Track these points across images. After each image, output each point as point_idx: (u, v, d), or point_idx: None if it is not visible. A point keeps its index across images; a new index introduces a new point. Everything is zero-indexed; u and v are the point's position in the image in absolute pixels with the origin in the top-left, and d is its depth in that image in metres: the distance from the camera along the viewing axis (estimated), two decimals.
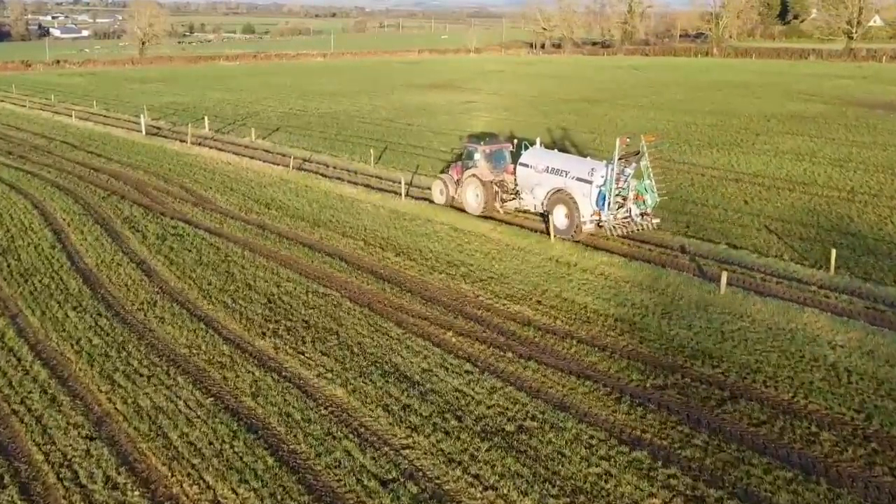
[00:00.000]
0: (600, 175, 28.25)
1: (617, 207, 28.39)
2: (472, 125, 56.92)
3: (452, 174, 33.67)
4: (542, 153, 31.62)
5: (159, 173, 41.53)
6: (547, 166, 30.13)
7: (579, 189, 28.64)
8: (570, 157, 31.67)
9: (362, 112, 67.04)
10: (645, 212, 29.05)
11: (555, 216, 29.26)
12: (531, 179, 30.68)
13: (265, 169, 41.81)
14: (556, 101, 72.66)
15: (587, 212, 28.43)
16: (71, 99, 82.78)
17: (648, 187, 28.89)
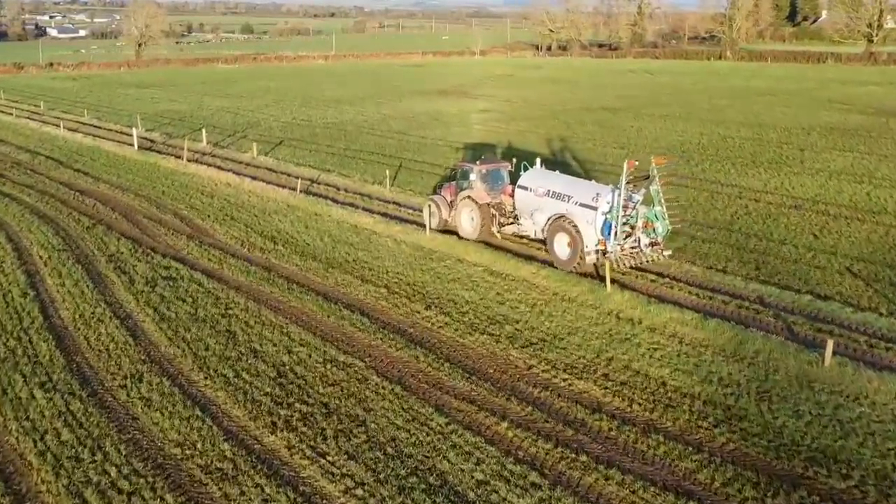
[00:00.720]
0: (606, 201, 25.67)
1: (624, 237, 25.73)
2: (491, 138, 52.88)
3: (445, 195, 30.80)
4: (542, 175, 28.89)
5: (151, 197, 37.39)
6: (548, 190, 27.51)
7: (583, 216, 26.05)
8: (573, 181, 28.62)
9: (370, 122, 62.91)
10: (655, 241, 26.23)
11: (556, 245, 26.74)
12: (530, 204, 28.09)
13: (269, 192, 37.70)
14: (577, 111, 68.55)
15: (591, 241, 25.82)
16: (62, 105, 78.61)
17: (659, 214, 26.02)
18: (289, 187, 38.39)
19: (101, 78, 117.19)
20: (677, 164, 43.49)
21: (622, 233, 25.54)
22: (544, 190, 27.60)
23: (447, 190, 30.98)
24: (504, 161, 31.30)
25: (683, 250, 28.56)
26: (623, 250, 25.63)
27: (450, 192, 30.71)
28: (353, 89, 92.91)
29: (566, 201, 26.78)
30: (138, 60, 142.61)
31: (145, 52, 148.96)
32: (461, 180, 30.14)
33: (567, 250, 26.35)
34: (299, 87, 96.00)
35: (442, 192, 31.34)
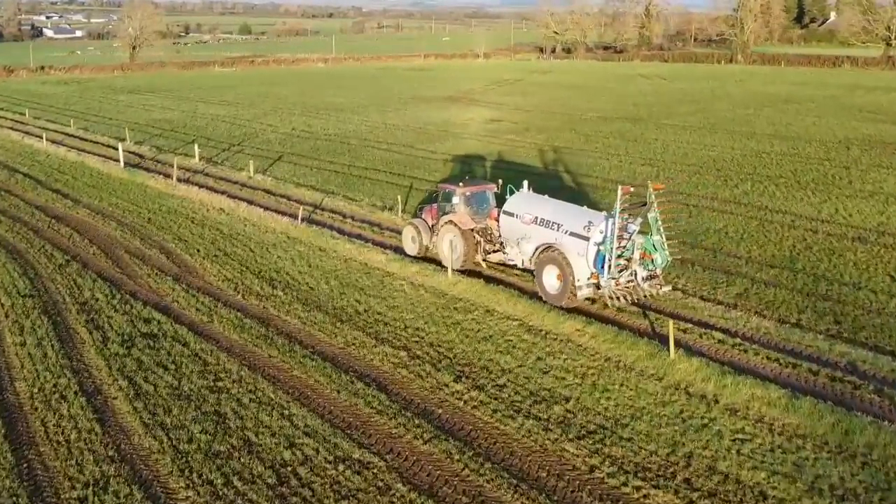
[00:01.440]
0: (599, 230, 23.43)
1: (619, 271, 23.22)
2: (506, 153, 49.01)
3: (426, 218, 28.48)
4: (529, 200, 26.38)
5: (135, 226, 33.43)
6: (535, 217, 25.14)
7: (573, 246, 23.78)
8: (563, 207, 25.94)
9: (376, 133, 58.96)
10: (653, 273, 23.83)
11: (544, 278, 24.32)
12: (517, 231, 25.81)
13: (267, 221, 33.75)
14: (594, 121, 64.62)
15: (583, 274, 23.50)
16: (49, 113, 74.60)
17: (657, 244, 23.55)
18: (289, 214, 34.48)
19: (94, 82, 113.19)
20: (716, 185, 39.72)
21: (616, 266, 22.96)
22: (531, 217, 25.18)
23: (428, 213, 28.56)
24: (489, 182, 28.65)
25: (746, 297, 24.76)
26: (618, 285, 23.16)
27: (431, 214, 28.34)
28: (355, 95, 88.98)
29: (555, 230, 24.42)
30: (132, 63, 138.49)
31: (140, 54, 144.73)
32: (443, 203, 27.79)
33: (556, 284, 23.91)
34: (299, 93, 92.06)
35: (423, 214, 28.85)
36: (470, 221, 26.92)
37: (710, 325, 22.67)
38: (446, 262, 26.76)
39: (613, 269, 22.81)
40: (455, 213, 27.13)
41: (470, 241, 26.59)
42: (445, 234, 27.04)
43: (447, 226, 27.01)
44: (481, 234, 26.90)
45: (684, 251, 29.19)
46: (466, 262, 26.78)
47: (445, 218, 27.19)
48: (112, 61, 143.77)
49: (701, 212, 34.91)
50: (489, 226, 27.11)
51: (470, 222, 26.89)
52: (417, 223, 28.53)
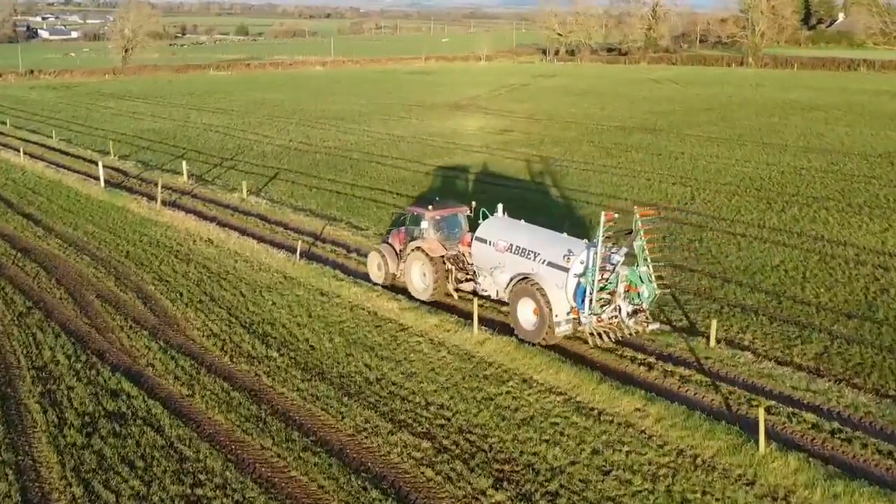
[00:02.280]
0: (579, 261, 21.25)
1: (601, 305, 21.02)
2: (524, 170, 45.06)
3: (394, 243, 26.41)
4: (503, 225, 24.29)
5: (111, 262, 29.39)
6: (510, 244, 23.06)
7: (551, 278, 21.65)
8: (541, 234, 23.53)
9: (380, 146, 54.94)
10: (639, 307, 21.58)
11: (519, 312, 22.20)
12: (490, 260, 23.70)
13: (261, 255, 29.73)
14: (611, 131, 60.64)
15: (562, 309, 21.36)
16: (32, 122, 70.51)
17: (644, 276, 21.32)
18: (286, 248, 30.45)
19: (84, 87, 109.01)
20: (760, 209, 35.78)
21: (598, 300, 20.86)
22: (506, 244, 23.09)
23: (396, 237, 26.46)
24: (461, 205, 26.39)
25: (828, 359, 20.88)
26: (600, 321, 21.00)
27: (399, 239, 26.24)
28: (355, 102, 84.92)
29: (532, 259, 22.29)
30: (125, 67, 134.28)
31: (133, 56, 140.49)
32: (411, 227, 25.72)
33: (533, 319, 21.75)
34: (296, 100, 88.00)
35: (390, 239, 26.79)
36: (440, 248, 24.76)
37: (798, 402, 18.68)
38: (415, 292, 25.08)
39: (595, 303, 20.65)
40: (424, 238, 24.99)
41: (440, 270, 24.50)
42: (413, 262, 25.06)
43: (415, 253, 24.93)
44: (452, 261, 24.77)
45: (744, 295, 25.31)
46: (436, 293, 24.70)
47: (413, 244, 25.08)
48: (104, 64, 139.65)
49: (751, 243, 30.97)
50: (461, 252, 25.00)
51: (440, 249, 24.73)
52: (384, 249, 26.37)
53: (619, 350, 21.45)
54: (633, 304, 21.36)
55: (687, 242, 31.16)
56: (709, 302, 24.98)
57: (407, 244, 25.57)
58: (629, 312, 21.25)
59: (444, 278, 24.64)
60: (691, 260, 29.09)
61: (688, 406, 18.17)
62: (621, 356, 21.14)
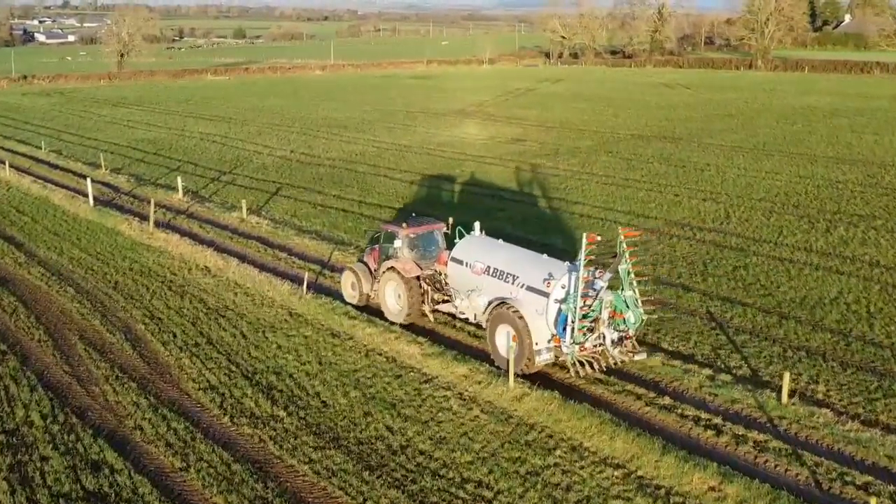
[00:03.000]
0: (560, 285, 19.92)
1: (584, 333, 19.66)
2: (542, 185, 42.27)
3: (369, 261, 25.13)
4: (480, 245, 22.96)
5: (97, 295, 26.55)
6: (487, 266, 21.74)
7: (531, 303, 20.29)
8: (520, 255, 22.24)
9: (386, 157, 52.12)
10: (626, 334, 20.25)
11: (497, 339, 20.89)
12: (466, 282, 22.38)
13: (264, 287, 26.89)
14: (628, 140, 57.85)
15: (542, 336, 20.04)
16: (23, 131, 67.62)
17: (630, 301, 20.04)
18: (291, 278, 27.63)
19: (78, 93, 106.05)
20: (802, 228, 33.03)
21: (581, 328, 19.47)
22: (483, 266, 21.79)
23: (371, 255, 25.18)
24: (438, 222, 25.15)
25: None
26: (583, 350, 19.71)
27: (373, 258, 24.94)
28: (358, 109, 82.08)
29: (510, 282, 20.96)
30: (120, 72, 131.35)
31: (129, 61, 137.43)
32: (385, 245, 24.38)
33: (512, 346, 19.93)
34: (296, 107, 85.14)
35: (365, 257, 25.57)
36: (415, 268, 23.53)
37: None
38: (389, 314, 23.84)
39: (577, 332, 19.33)
40: (398, 257, 23.71)
41: (415, 292, 23.27)
42: (388, 283, 23.81)
43: (389, 273, 23.69)
44: (428, 281, 23.54)
45: (807, 334, 22.53)
46: (411, 316, 23.45)
47: (388, 263, 23.79)
48: (100, 69, 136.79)
49: (801, 270, 28.19)
50: (438, 272, 23.71)
51: (415, 269, 23.50)
52: (357, 268, 25.08)
53: (678, 407, 18.65)
54: (618, 330, 20.03)
55: (731, 270, 28.39)
56: (769, 344, 22.21)
57: (381, 263, 24.22)
58: (614, 340, 19.93)
59: (420, 300, 23.36)
60: (739, 291, 26.33)
61: (771, 484, 15.40)
62: (682, 416, 18.33)
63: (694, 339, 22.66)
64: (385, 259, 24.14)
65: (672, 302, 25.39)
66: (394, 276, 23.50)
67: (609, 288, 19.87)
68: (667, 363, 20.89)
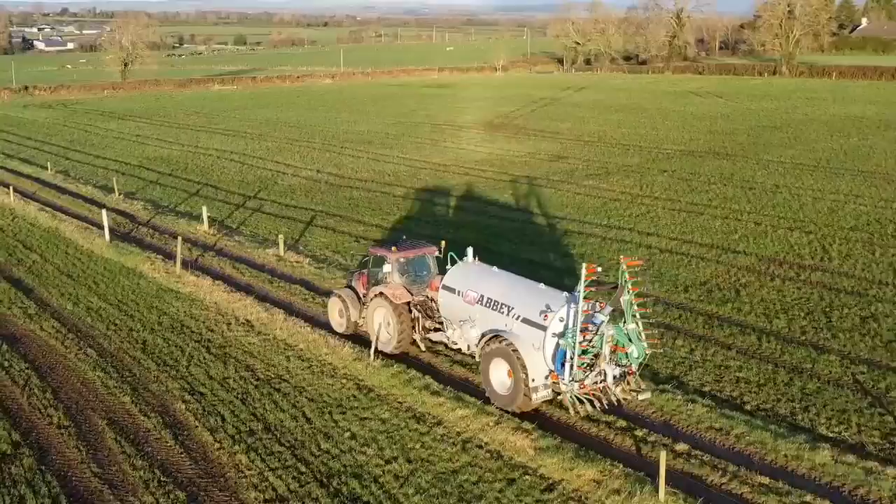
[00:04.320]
0: (559, 318, 18.55)
1: (584, 370, 18.20)
2: (608, 213, 38.29)
3: (357, 286, 23.85)
4: (473, 273, 21.54)
5: (124, 360, 22.49)
6: (480, 295, 20.46)
7: (527, 337, 18.96)
8: (515, 284, 20.72)
9: (422, 177, 48.15)
10: (629, 369, 18.67)
11: (491, 374, 19.54)
12: (458, 312, 21.14)
13: (320, 348, 22.83)
14: (678, 157, 53.81)
15: (539, 373, 18.72)
16: (26, 148, 63.65)
17: (633, 334, 18.49)
18: (349, 336, 23.57)
19: (81, 105, 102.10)
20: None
21: (581, 365, 18.07)
22: (476, 295, 20.50)
23: (359, 280, 23.85)
24: (429, 245, 23.75)
25: None
26: (583, 387, 18.32)
27: (362, 283, 23.61)
28: (378, 121, 78.12)
29: (504, 314, 19.66)
30: (124, 82, 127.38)
31: (132, 70, 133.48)
32: (374, 269, 23.13)
33: (507, 382, 19.15)
34: (313, 119, 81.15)
35: (353, 282, 24.24)
36: (405, 294, 22.25)
37: None
38: (378, 343, 22.19)
39: (576, 369, 17.90)
40: (387, 283, 22.43)
41: (405, 320, 21.97)
42: (377, 309, 22.44)
43: (378, 299, 22.39)
44: (420, 308, 22.18)
45: None
46: (402, 345, 22.14)
47: (377, 289, 22.49)
48: (102, 78, 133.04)
49: None
50: (429, 297, 22.33)
51: (405, 295, 22.22)
52: (344, 294, 23.70)
53: None
54: (619, 365, 18.51)
55: (860, 322, 24.37)
56: None
57: (369, 288, 22.88)
58: (616, 376, 18.46)
59: (410, 328, 22.07)
60: (880, 350, 22.29)
61: None
62: None
63: (854, 420, 18.63)
64: (374, 284, 22.83)
65: (808, 367, 21.36)
66: (383, 303, 22.17)
67: (610, 321, 18.27)
68: (839, 459, 16.83)
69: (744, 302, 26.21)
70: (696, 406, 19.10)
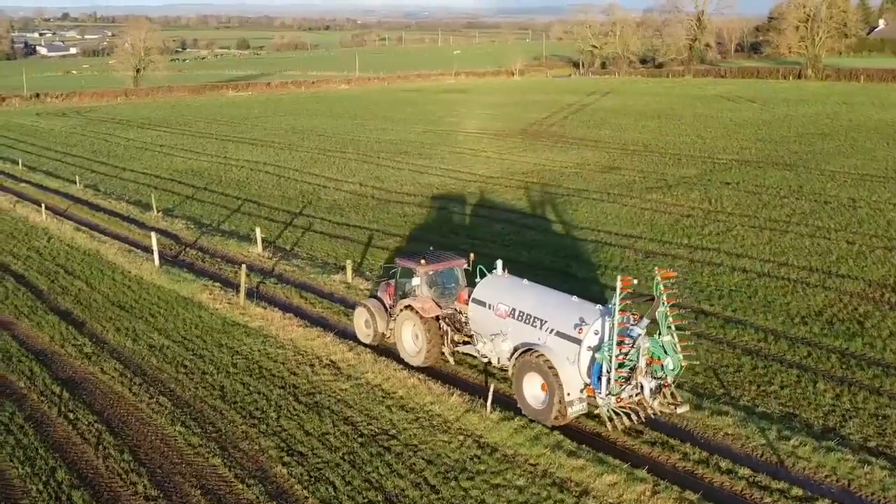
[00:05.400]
0: (593, 331, 18.08)
1: (621, 384, 17.67)
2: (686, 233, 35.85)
3: (383, 297, 23.62)
4: (504, 286, 21.08)
5: (203, 411, 20.10)
6: (512, 309, 19.99)
7: (562, 350, 18.48)
8: (548, 297, 20.30)
9: (473, 191, 45.77)
10: (664, 382, 18.17)
11: (525, 388, 19.07)
12: (489, 325, 20.65)
13: (423, 396, 20.39)
14: (736, 167, 51.29)
15: (574, 387, 18.24)
16: (46, 160, 61.29)
17: (668, 346, 18.01)
18: (451, 380, 21.19)
19: (95, 112, 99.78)
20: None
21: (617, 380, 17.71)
22: (507, 308, 20.27)
23: (385, 291, 23.67)
24: (458, 257, 23.34)
25: None
26: (619, 401, 17.97)
27: (388, 294, 23.43)
28: (408, 129, 75.76)
29: (538, 327, 19.43)
30: (136, 89, 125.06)
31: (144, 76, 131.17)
32: (402, 281, 22.89)
33: (541, 396, 18.93)
34: (339, 128, 78.71)
35: (379, 292, 24.05)
36: (434, 307, 21.92)
37: None
38: (405, 355, 22.32)
39: (613, 383, 17.69)
40: (416, 295, 22.15)
41: (434, 333, 21.66)
42: (405, 322, 22.24)
43: (406, 312, 22.11)
44: (448, 321, 21.91)
45: None
46: (430, 358, 21.84)
47: (405, 302, 22.21)
48: (111, 84, 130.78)
49: None
50: (458, 309, 22.05)
51: (434, 308, 21.90)
52: (371, 304, 23.49)
53: None
54: (655, 377, 18.19)
55: None
56: None
57: (397, 301, 22.60)
58: (653, 388, 18.11)
59: (440, 341, 21.76)
60: None
61: None
62: None
63: None
64: (402, 296, 22.56)
65: None
66: (411, 316, 21.91)
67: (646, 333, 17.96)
68: None
69: (872, 336, 23.82)
70: (874, 468, 16.69)
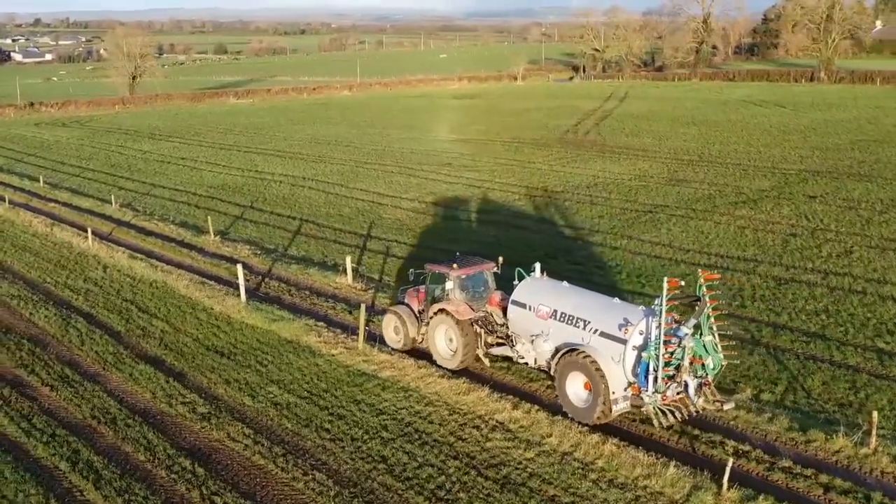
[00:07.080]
0: (639, 331, 18.68)
1: (667, 382, 18.20)
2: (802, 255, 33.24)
3: (412, 303, 23.70)
4: (544, 288, 21.32)
5: (372, 487, 17.17)
6: (554, 310, 20.28)
7: (606, 350, 19.01)
8: (589, 298, 20.61)
9: (548, 208, 42.91)
10: (705, 381, 18.73)
11: (568, 388, 19.52)
12: (530, 327, 20.85)
13: (627, 466, 17.48)
14: (809, 179, 48.79)
15: (619, 385, 18.82)
16: (64, 175, 57.67)
17: (710, 346, 18.70)
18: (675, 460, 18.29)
19: (96, 122, 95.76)
20: None
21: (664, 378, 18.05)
22: (549, 309, 20.35)
23: (414, 298, 23.98)
24: (487, 262, 23.78)
25: None
26: (665, 399, 18.22)
27: (418, 300, 23.83)
28: (434, 138, 72.87)
29: (581, 328, 19.60)
30: (133, 97, 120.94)
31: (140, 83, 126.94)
32: (433, 286, 23.27)
33: (584, 395, 19.21)
34: (363, 137, 75.37)
35: (406, 299, 24.32)
36: (468, 310, 22.47)
37: None
38: (440, 359, 22.78)
39: (660, 381, 17.97)
40: (449, 300, 22.60)
41: (470, 335, 22.20)
42: (438, 326, 22.69)
43: (440, 316, 22.55)
44: (481, 323, 22.39)
45: None
46: (466, 360, 22.35)
47: (437, 306, 22.70)
48: (99, 91, 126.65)
49: None
50: (490, 311, 22.70)
51: (468, 311, 22.45)
52: (401, 311, 23.83)
53: None
54: (697, 376, 18.68)
55: None
56: None
57: (428, 306, 23.00)
58: (696, 387, 18.60)
59: (475, 344, 22.24)
60: None
61: None
62: None
63: None
64: (433, 301, 22.90)
65: None
66: (445, 320, 22.30)
67: None
68: None
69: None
70: None
